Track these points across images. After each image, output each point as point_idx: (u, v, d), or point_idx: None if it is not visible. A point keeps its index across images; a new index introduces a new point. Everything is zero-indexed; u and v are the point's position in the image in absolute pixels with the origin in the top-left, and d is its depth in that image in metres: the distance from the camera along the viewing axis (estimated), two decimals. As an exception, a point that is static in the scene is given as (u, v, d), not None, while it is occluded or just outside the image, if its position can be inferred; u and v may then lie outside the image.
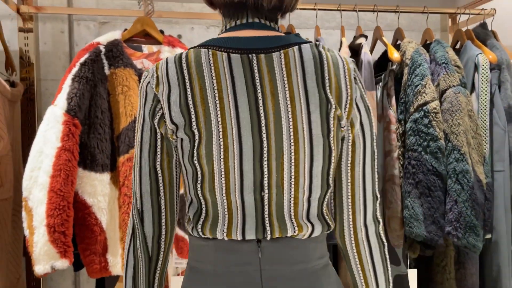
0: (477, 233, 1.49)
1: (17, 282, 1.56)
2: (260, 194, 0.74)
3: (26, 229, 1.33)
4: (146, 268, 0.81)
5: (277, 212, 0.75)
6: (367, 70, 1.59)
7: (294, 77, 0.75)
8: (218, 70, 0.74)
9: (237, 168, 0.73)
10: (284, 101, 0.74)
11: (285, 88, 0.74)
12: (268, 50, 0.76)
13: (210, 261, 0.78)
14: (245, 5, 0.77)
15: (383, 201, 1.65)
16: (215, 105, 0.73)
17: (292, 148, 0.74)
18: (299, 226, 0.77)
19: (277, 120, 0.74)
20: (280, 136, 0.74)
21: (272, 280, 0.75)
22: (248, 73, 0.74)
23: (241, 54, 0.75)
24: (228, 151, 0.73)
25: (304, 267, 0.78)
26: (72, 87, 1.37)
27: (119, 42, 1.48)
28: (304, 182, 0.75)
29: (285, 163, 0.74)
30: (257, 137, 0.73)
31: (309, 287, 0.77)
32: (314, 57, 0.76)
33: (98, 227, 1.40)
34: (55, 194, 1.30)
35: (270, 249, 0.76)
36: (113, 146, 1.45)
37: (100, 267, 1.41)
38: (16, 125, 1.64)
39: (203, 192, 0.76)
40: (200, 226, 0.78)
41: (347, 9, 1.76)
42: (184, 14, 1.83)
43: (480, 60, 1.65)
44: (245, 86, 0.74)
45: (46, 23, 1.91)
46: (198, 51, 0.76)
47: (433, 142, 1.52)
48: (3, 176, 1.44)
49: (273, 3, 0.76)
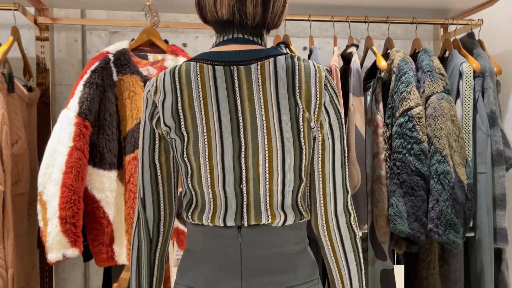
0: (457, 230, 1.58)
1: (31, 270, 1.70)
2: (239, 187, 0.87)
3: (41, 220, 1.46)
4: (148, 248, 0.93)
5: (254, 202, 0.87)
6: (355, 77, 1.70)
7: (268, 85, 0.87)
8: (204, 80, 0.87)
9: (220, 164, 0.86)
10: (259, 106, 0.86)
11: (260, 95, 0.86)
12: (247, 62, 0.88)
13: (199, 244, 0.91)
14: (232, 23, 0.89)
15: (371, 200, 1.76)
16: (200, 110, 0.86)
17: (266, 146, 0.86)
18: (272, 215, 0.88)
19: (253, 123, 0.86)
20: (256, 136, 0.86)
21: (250, 260, 0.87)
22: (229, 82, 0.87)
23: (224, 66, 0.87)
24: (211, 150, 0.85)
25: (279, 250, 0.89)
26: (83, 92, 1.50)
27: (126, 51, 1.61)
28: (277, 176, 0.87)
29: (260, 159, 0.86)
30: (236, 137, 0.86)
31: (283, 267, 0.88)
32: (287, 67, 0.87)
33: (105, 220, 1.52)
34: (67, 189, 1.44)
35: (248, 234, 0.88)
36: (120, 146, 1.58)
37: (107, 257, 1.53)
38: (33, 127, 1.78)
39: (193, 184, 0.89)
40: (190, 214, 0.91)
41: (340, 20, 1.87)
42: (189, 24, 1.96)
43: (464, 68, 1.75)
44: (227, 94, 0.86)
45: (61, 33, 2.06)
46: (188, 64, 0.89)
47: (416, 145, 1.62)
48: (20, 173, 1.58)
49: (256, 21, 0.88)
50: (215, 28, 0.94)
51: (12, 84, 1.52)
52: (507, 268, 1.82)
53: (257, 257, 0.88)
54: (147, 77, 1.62)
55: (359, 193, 1.68)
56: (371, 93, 1.79)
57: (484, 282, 1.75)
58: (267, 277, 0.87)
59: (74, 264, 2.07)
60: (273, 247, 0.89)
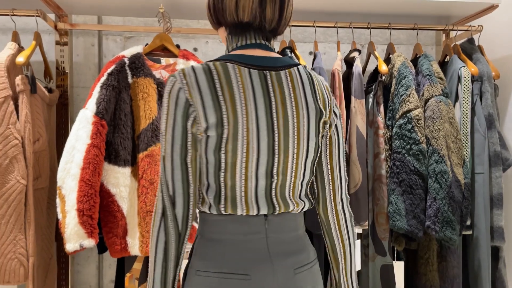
0: (453, 227, 1.65)
1: (49, 261, 1.80)
2: (270, 180, 0.97)
3: (60, 213, 1.56)
4: (177, 243, 0.95)
5: (281, 193, 0.99)
6: (357, 81, 1.78)
7: (298, 91, 0.98)
8: (243, 82, 0.94)
9: (255, 160, 0.95)
10: (291, 109, 0.97)
11: (292, 99, 0.97)
12: (276, 68, 0.98)
13: (227, 233, 0.97)
14: (251, 26, 0.99)
15: (372, 198, 1.83)
16: (242, 109, 0.93)
17: (295, 145, 0.98)
18: (296, 203, 1.01)
19: (285, 124, 0.96)
20: (287, 136, 0.97)
21: (275, 244, 0.98)
22: (264, 86, 0.96)
23: (258, 70, 0.97)
24: (249, 147, 0.94)
25: (296, 234, 1.02)
26: (100, 93, 1.61)
27: (141, 55, 1.72)
28: (300, 170, 1.00)
29: (289, 156, 0.98)
30: (270, 136, 0.95)
31: (298, 247, 1.01)
32: (308, 78, 1.01)
33: (119, 213, 1.62)
34: (84, 184, 1.54)
35: (273, 221, 0.99)
36: (133, 144, 1.68)
37: (121, 248, 1.63)
38: (52, 126, 1.89)
39: (224, 179, 0.95)
40: (222, 206, 0.97)
41: (344, 26, 1.96)
42: (200, 30, 2.05)
43: (463, 73, 1.83)
44: (262, 96, 0.95)
45: (79, 37, 2.18)
46: (224, 65, 0.94)
47: (415, 146, 1.70)
48: (41, 169, 1.68)
49: (272, 26, 1.00)
50: (231, 30, 1.01)
51: (34, 85, 1.63)
52: (504, 266, 1.87)
53: (280, 241, 0.99)
54: (160, 80, 1.72)
55: (360, 191, 1.76)
56: (372, 96, 1.87)
57: (482, 279, 1.81)
58: (291, 258, 0.98)
59: (88, 257, 2.18)
60: (291, 231, 1.01)
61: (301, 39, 2.35)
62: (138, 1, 1.84)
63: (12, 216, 1.52)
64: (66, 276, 1.99)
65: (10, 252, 1.52)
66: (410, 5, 1.92)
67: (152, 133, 1.66)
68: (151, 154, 1.64)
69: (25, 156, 1.56)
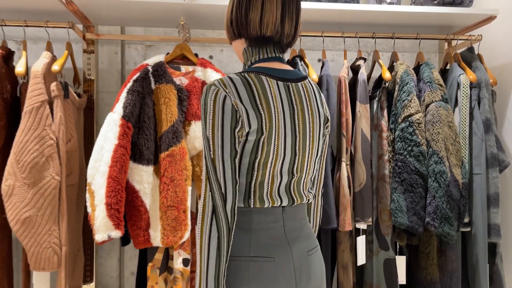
0: (451, 223, 1.77)
1: (77, 252, 1.96)
2: (291, 176, 1.13)
3: (89, 207, 1.71)
4: (228, 237, 1.03)
5: (297, 188, 1.15)
6: (362, 87, 1.92)
7: (312, 101, 1.16)
8: (274, 93, 1.09)
9: (281, 160, 1.10)
10: (308, 116, 1.14)
11: (308, 108, 1.14)
12: (295, 80, 1.15)
13: (253, 222, 1.10)
14: (272, 40, 1.13)
15: (377, 196, 1.96)
16: (275, 118, 1.07)
17: (310, 146, 1.15)
18: (307, 196, 1.19)
19: (304, 128, 1.13)
20: (305, 138, 1.13)
21: (291, 231, 1.14)
22: (288, 96, 1.11)
23: (283, 82, 1.12)
24: (278, 149, 1.09)
25: (305, 221, 1.20)
26: (127, 98, 1.76)
27: (163, 63, 1.87)
28: (311, 167, 1.18)
29: (306, 156, 1.15)
30: (294, 139, 1.11)
31: (307, 233, 1.19)
32: (316, 89, 1.21)
33: (143, 208, 1.77)
34: (112, 180, 1.69)
35: (288, 211, 1.14)
36: (156, 145, 1.82)
37: (144, 240, 1.78)
38: (80, 128, 2.05)
39: (256, 177, 1.08)
40: (252, 200, 1.09)
41: (350, 36, 2.10)
42: (215, 39, 2.20)
43: (462, 80, 1.95)
44: (288, 105, 1.10)
45: (104, 46, 2.34)
46: (259, 77, 1.08)
47: (416, 147, 1.83)
48: (72, 167, 1.84)
49: (287, 40, 1.15)
50: (253, 43, 1.14)
51: (67, 91, 1.79)
52: (501, 261, 1.99)
53: (294, 228, 1.14)
54: (180, 86, 1.87)
55: (364, 189, 1.89)
56: (377, 101, 2.00)
57: (480, 273, 1.92)
58: (303, 242, 1.15)
59: (110, 250, 2.33)
60: (302, 219, 1.18)
61: (310, 47, 2.49)
62: (158, 13, 1.99)
63: (47, 209, 1.68)
64: (91, 267, 2.15)
65: (45, 242, 1.68)
66: (414, 16, 2.05)
67: (173, 134, 1.80)
68: (171, 154, 1.79)
69: (59, 155, 1.72)
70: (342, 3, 1.97)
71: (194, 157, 1.86)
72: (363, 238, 1.94)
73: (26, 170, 1.66)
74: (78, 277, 1.97)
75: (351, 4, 1.96)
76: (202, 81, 1.90)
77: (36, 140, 1.67)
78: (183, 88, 1.87)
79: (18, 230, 1.65)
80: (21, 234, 1.66)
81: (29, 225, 1.66)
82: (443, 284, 1.89)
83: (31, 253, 1.67)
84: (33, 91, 1.69)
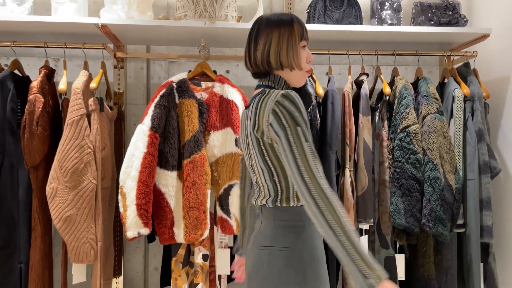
0: (444, 225, 1.96)
1: (109, 248, 2.20)
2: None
3: (121, 207, 1.94)
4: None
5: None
6: (364, 100, 2.12)
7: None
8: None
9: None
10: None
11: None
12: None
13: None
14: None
15: (378, 200, 2.16)
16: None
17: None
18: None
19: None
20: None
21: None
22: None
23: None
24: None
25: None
26: (154, 112, 2.00)
27: (185, 80, 2.10)
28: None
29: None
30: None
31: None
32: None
33: (168, 208, 2.00)
34: (141, 184, 1.92)
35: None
36: (179, 153, 2.06)
37: (169, 237, 2.01)
38: (112, 137, 2.30)
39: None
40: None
41: (354, 53, 2.30)
42: (231, 56, 2.44)
43: (456, 94, 2.14)
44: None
45: (131, 62, 2.59)
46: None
47: (413, 155, 2.02)
48: (106, 171, 2.08)
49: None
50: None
51: (102, 105, 2.04)
52: (494, 260, 2.16)
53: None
54: (200, 100, 2.10)
55: (367, 193, 2.09)
56: (378, 113, 2.20)
57: (473, 270, 2.10)
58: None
59: (136, 247, 2.57)
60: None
61: (319, 62, 2.71)
62: (181, 34, 2.23)
63: (85, 209, 1.92)
64: (119, 262, 2.38)
65: (83, 238, 1.92)
66: (412, 35, 2.24)
67: (194, 143, 2.03)
68: (193, 160, 2.02)
69: (96, 162, 1.96)
70: (346, 25, 2.18)
71: (213, 163, 2.09)
72: (366, 238, 2.14)
73: (68, 175, 1.90)
74: (109, 271, 2.20)
75: (355, 25, 2.17)
76: (220, 96, 2.12)
77: (76, 148, 1.91)
78: (203, 102, 2.10)
79: (60, 227, 1.90)
80: (63, 230, 1.90)
81: (70, 222, 1.90)
82: (439, 280, 2.07)
83: (71, 247, 1.91)
84: (73, 105, 1.94)
